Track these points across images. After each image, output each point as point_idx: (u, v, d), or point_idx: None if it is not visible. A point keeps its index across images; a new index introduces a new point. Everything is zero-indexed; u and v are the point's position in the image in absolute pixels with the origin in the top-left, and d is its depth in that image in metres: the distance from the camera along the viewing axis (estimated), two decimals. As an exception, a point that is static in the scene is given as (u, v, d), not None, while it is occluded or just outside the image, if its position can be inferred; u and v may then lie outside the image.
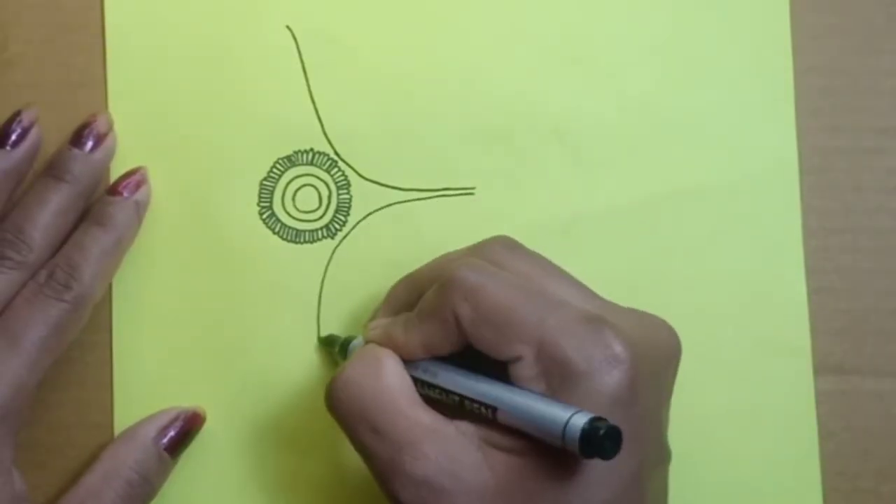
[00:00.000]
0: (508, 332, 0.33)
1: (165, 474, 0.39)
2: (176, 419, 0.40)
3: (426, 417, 0.34)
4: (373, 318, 0.40)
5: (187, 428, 0.40)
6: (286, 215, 0.42)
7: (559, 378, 0.33)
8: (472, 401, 0.34)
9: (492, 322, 0.34)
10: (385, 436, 0.34)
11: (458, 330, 0.34)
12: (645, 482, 0.34)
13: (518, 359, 0.33)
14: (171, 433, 0.39)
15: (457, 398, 0.35)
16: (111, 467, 0.38)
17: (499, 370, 0.34)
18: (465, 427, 0.34)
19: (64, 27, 0.42)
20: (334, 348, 0.41)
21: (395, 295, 0.39)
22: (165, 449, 0.39)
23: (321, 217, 0.42)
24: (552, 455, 0.32)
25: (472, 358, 0.35)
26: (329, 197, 0.42)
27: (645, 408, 0.34)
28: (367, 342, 0.37)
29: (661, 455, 0.36)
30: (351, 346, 0.40)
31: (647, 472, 0.34)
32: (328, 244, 0.42)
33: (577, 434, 0.31)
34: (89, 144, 0.40)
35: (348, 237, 0.42)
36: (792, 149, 0.42)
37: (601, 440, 0.31)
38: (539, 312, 0.33)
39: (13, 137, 0.40)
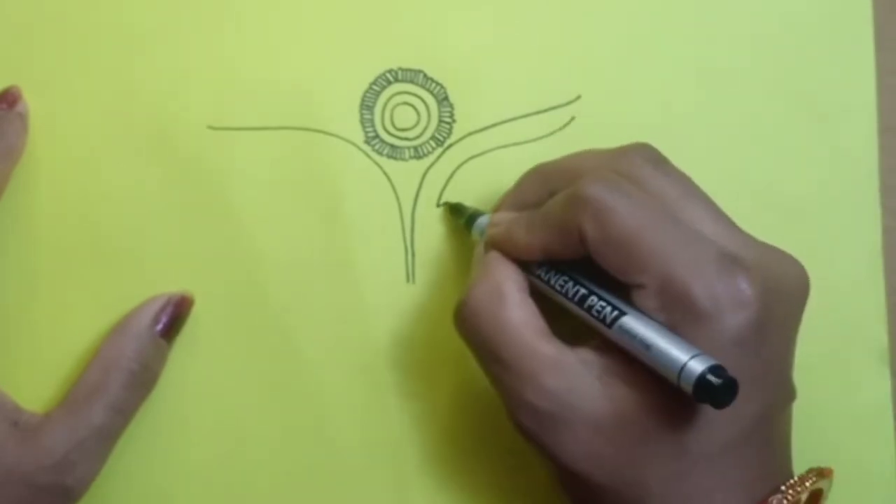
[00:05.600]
0: (634, 261, 0.33)
1: (164, 359, 0.40)
2: (167, 305, 0.40)
3: (548, 348, 0.34)
4: (498, 206, 0.39)
5: (178, 312, 0.40)
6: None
7: (682, 315, 0.32)
8: (600, 297, 0.34)
9: (618, 247, 0.33)
10: (507, 366, 0.34)
11: (582, 245, 0.34)
12: (769, 424, 0.34)
13: (641, 286, 0.33)
14: (165, 319, 0.40)
15: (582, 291, 0.34)
16: (111, 360, 0.39)
17: (619, 289, 0.34)
18: (587, 355, 0.34)
19: None
20: (460, 219, 0.40)
21: (523, 187, 0.39)
22: (161, 335, 0.40)
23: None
24: (673, 391, 0.32)
25: (592, 268, 0.35)
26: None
27: (771, 350, 0.33)
28: (488, 238, 0.37)
29: (787, 395, 0.35)
30: (477, 223, 0.39)
31: (771, 414, 0.34)
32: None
33: (692, 380, 0.30)
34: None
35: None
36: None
37: (716, 390, 0.30)
38: (670, 245, 0.33)
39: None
